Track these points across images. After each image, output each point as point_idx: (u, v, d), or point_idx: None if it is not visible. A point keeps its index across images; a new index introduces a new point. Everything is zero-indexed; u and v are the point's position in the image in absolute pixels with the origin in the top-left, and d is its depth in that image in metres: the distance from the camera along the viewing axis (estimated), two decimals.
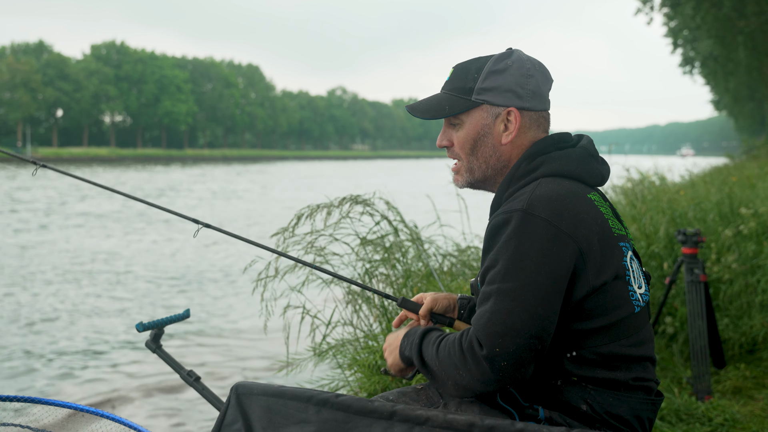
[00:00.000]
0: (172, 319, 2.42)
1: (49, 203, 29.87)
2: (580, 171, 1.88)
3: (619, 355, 1.78)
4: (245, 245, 2.45)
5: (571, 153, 1.91)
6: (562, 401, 1.79)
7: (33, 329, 9.83)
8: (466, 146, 1.97)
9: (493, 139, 1.94)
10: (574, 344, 1.77)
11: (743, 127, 64.83)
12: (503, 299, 1.67)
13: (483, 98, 1.92)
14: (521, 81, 1.92)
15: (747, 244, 5.77)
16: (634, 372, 1.81)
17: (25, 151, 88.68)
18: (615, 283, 1.79)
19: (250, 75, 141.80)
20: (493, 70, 1.92)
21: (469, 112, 1.94)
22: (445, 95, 1.99)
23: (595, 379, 1.78)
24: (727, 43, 27.09)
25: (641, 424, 1.82)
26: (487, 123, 1.93)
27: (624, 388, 1.79)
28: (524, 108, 1.92)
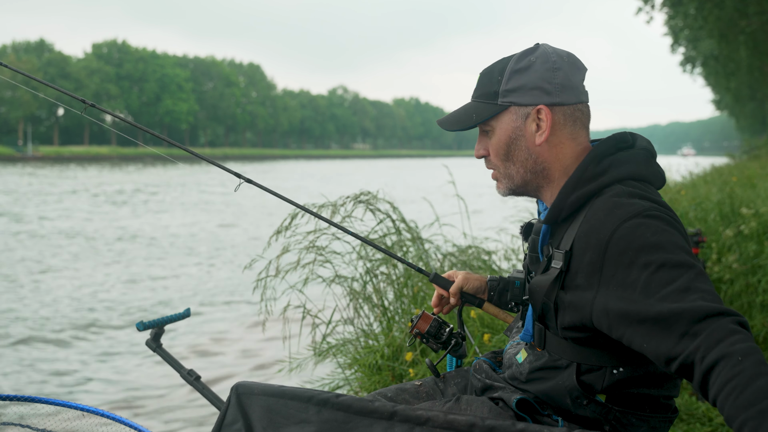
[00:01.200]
0: (173, 318, 2.42)
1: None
2: (646, 173, 1.78)
3: (653, 372, 1.72)
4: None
5: (637, 155, 1.80)
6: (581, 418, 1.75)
7: (31, 329, 9.84)
8: (500, 152, 1.87)
9: (527, 141, 1.83)
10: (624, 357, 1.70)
11: (744, 127, 64.86)
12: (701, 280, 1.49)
13: (509, 100, 1.83)
14: (547, 76, 1.80)
15: (748, 244, 5.77)
16: (667, 390, 1.75)
17: (26, 150, 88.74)
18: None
19: (251, 74, 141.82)
20: (516, 69, 1.83)
21: (498, 117, 1.85)
22: (472, 103, 1.90)
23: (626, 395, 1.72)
24: (728, 42, 27.09)
25: None
26: (517, 125, 1.83)
27: (650, 408, 1.74)
28: (555, 104, 1.80)
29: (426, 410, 1.65)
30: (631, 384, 1.71)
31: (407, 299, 4.53)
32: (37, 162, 77.55)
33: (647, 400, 1.74)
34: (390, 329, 4.32)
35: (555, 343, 1.78)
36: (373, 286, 4.64)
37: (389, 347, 4.10)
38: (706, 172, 17.34)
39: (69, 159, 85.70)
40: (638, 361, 1.69)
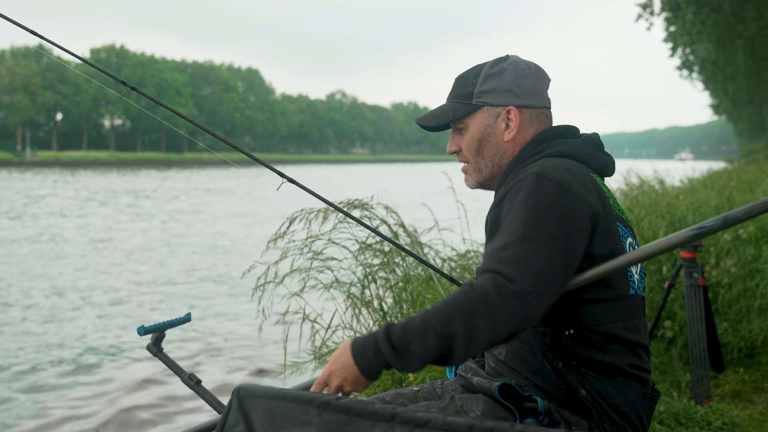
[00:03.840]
0: (174, 323, 2.42)
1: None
2: (583, 155, 1.95)
3: (616, 336, 1.81)
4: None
5: (575, 140, 2.00)
6: (562, 387, 1.81)
7: (32, 329, 9.83)
8: (472, 148, 2.06)
9: (496, 138, 2.03)
10: (573, 320, 1.81)
11: (742, 132, 64.88)
12: (529, 245, 1.68)
13: (483, 100, 2.03)
14: (517, 81, 2.02)
15: (746, 248, 5.78)
16: (630, 358, 1.84)
17: (24, 155, 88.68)
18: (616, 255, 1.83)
19: (249, 79, 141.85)
20: (490, 73, 2.03)
21: (472, 116, 2.05)
22: (448, 103, 2.10)
23: (592, 361, 1.80)
24: (726, 47, 27.14)
25: (639, 420, 1.84)
26: (489, 123, 2.03)
27: (620, 375, 1.81)
28: (523, 105, 2.02)
29: (426, 412, 1.67)
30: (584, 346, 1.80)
31: (406, 303, 4.53)
32: (35, 166, 77.43)
33: (613, 369, 1.81)
34: None
35: None
36: (371, 291, 4.65)
37: None
38: (705, 176, 17.36)
39: (67, 164, 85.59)
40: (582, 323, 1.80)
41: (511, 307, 1.62)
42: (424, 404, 1.93)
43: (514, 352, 1.89)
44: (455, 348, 1.63)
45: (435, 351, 1.64)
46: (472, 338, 1.62)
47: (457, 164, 2.15)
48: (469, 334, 1.62)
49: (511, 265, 1.65)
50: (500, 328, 1.62)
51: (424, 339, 1.64)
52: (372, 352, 1.70)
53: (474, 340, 1.62)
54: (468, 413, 1.82)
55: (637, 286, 1.90)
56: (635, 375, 1.84)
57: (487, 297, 1.62)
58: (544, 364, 1.82)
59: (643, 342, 1.88)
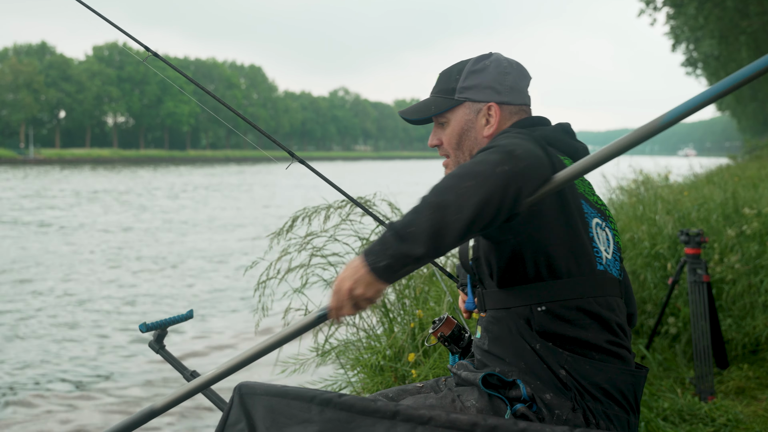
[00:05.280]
0: (176, 320, 2.42)
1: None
2: (553, 139, 1.99)
3: (588, 311, 1.83)
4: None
5: (547, 128, 2.04)
6: (542, 367, 1.81)
7: (34, 329, 9.84)
8: (452, 141, 2.11)
9: (476, 132, 2.08)
10: (543, 296, 1.83)
11: (746, 128, 64.76)
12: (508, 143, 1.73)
13: (465, 96, 2.08)
14: (499, 78, 2.08)
15: (750, 245, 5.76)
16: (606, 335, 1.85)
17: (27, 153, 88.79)
18: (577, 230, 1.85)
19: (252, 76, 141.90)
20: (473, 70, 2.09)
21: (454, 110, 2.10)
22: (431, 98, 2.16)
23: (567, 338, 1.82)
24: (729, 43, 27.06)
25: (623, 397, 1.84)
26: (470, 118, 2.09)
27: (596, 351, 1.83)
28: (503, 102, 2.07)
29: (428, 409, 1.66)
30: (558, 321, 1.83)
31: (409, 300, 4.52)
32: (38, 164, 77.53)
33: (588, 345, 1.83)
34: (392, 330, 4.31)
35: (490, 298, 1.95)
36: None
37: (391, 348, 4.09)
38: (708, 172, 17.33)
39: (70, 161, 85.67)
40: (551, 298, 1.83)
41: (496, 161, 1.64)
42: (422, 396, 1.94)
43: (496, 340, 1.90)
44: (449, 216, 1.61)
45: (431, 225, 1.61)
46: (463, 200, 1.61)
47: None
48: (461, 198, 1.61)
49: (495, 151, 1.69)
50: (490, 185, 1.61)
51: (420, 216, 1.63)
52: (378, 245, 1.67)
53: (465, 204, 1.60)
54: (464, 403, 1.84)
55: (606, 264, 1.91)
56: (613, 351, 1.85)
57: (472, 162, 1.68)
58: (524, 346, 1.84)
59: (619, 321, 1.89)
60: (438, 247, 1.62)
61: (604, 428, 1.78)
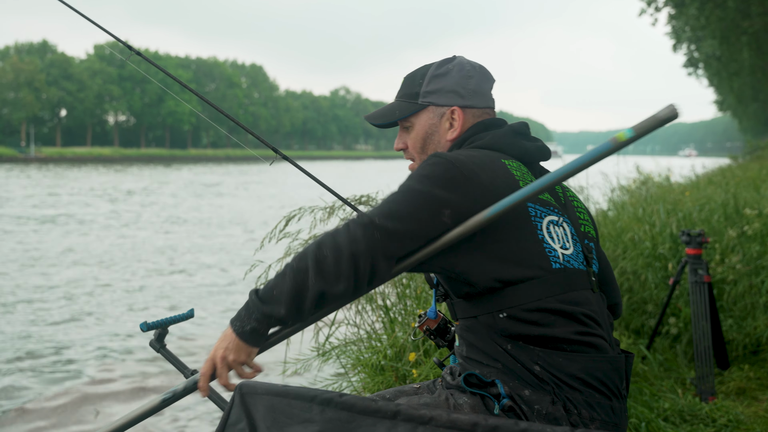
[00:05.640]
0: (176, 319, 2.42)
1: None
2: (499, 144, 2.02)
3: (551, 309, 1.84)
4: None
5: (496, 132, 2.06)
6: (517, 366, 1.84)
7: (37, 326, 9.84)
8: (417, 146, 2.15)
9: (440, 136, 2.12)
10: (501, 302, 1.86)
11: (747, 128, 64.76)
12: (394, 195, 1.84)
13: (428, 100, 2.12)
14: (462, 82, 2.11)
15: (751, 245, 5.76)
16: (574, 326, 1.86)
17: (28, 151, 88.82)
18: (521, 237, 1.87)
19: (253, 75, 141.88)
20: (436, 74, 2.13)
21: (418, 115, 2.14)
22: (396, 102, 2.19)
23: (535, 337, 1.84)
24: (731, 43, 27.04)
25: (602, 384, 1.84)
26: (433, 122, 2.12)
27: (567, 343, 1.84)
28: (467, 106, 2.11)
29: (429, 409, 1.66)
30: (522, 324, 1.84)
31: (410, 300, 4.52)
32: (39, 163, 77.55)
33: (558, 340, 1.84)
34: (393, 330, 4.31)
35: (458, 308, 1.98)
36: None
37: (392, 348, 4.09)
38: (709, 173, 17.32)
39: (71, 160, 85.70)
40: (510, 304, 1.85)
41: (354, 235, 1.74)
42: (417, 396, 1.97)
43: (471, 346, 1.93)
44: (308, 281, 1.74)
45: (291, 289, 1.75)
46: (321, 268, 1.74)
47: None
48: (318, 264, 1.74)
49: (371, 210, 1.81)
50: (345, 254, 1.73)
51: (283, 279, 1.78)
52: (243, 310, 1.83)
53: (324, 270, 1.74)
54: (457, 401, 1.86)
55: (565, 260, 1.92)
56: (584, 341, 1.86)
57: (336, 231, 1.78)
58: (497, 348, 1.86)
59: (587, 312, 1.90)
60: (299, 310, 1.77)
61: (587, 417, 1.80)
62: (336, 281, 1.74)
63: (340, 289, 1.75)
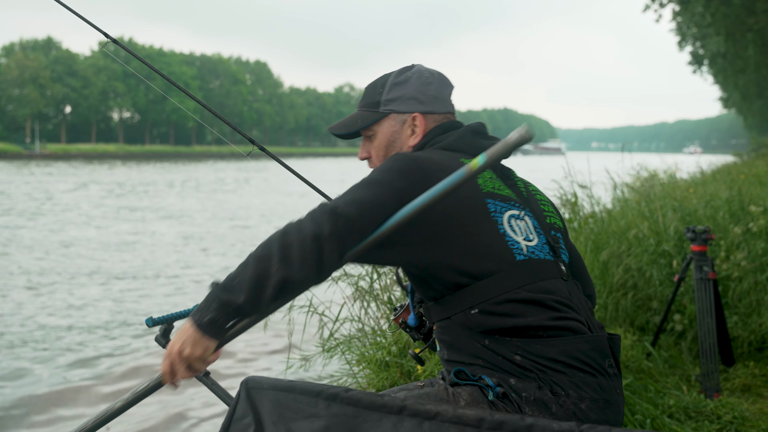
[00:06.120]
0: (182, 314, 2.42)
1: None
2: (457, 145, 2.07)
3: (520, 299, 1.86)
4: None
5: (454, 133, 2.11)
6: (498, 358, 1.86)
7: (41, 324, 9.86)
8: (380, 154, 2.20)
9: (402, 143, 2.17)
10: (470, 299, 1.88)
11: (752, 125, 64.55)
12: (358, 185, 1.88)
13: (389, 108, 2.17)
14: (422, 89, 2.16)
15: (756, 242, 5.76)
16: (548, 313, 1.87)
17: (33, 148, 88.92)
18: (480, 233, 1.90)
19: (257, 72, 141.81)
20: (396, 82, 2.18)
21: (380, 123, 2.19)
22: (358, 112, 2.25)
23: (509, 329, 1.85)
24: (736, 40, 26.96)
25: (585, 363, 1.85)
26: (395, 130, 2.17)
27: (542, 330, 1.85)
28: (427, 112, 2.15)
29: (435, 405, 1.66)
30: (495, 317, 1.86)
31: None
32: (44, 159, 77.66)
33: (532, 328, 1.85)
34: (397, 326, 4.31)
35: (431, 312, 2.00)
36: (379, 284, 4.64)
37: (397, 344, 4.10)
38: (714, 170, 17.29)
39: (76, 157, 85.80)
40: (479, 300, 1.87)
41: (319, 220, 1.77)
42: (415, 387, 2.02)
43: (451, 347, 1.96)
44: (271, 268, 1.75)
45: (253, 278, 1.75)
46: (286, 254, 1.75)
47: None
48: (283, 251, 1.75)
49: (335, 198, 1.86)
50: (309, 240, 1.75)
51: (245, 268, 1.78)
52: (204, 303, 1.81)
53: (288, 257, 1.75)
54: (456, 390, 1.88)
55: (530, 252, 1.94)
56: (559, 326, 1.87)
57: (300, 220, 1.80)
58: (475, 344, 1.88)
59: (558, 298, 1.91)
60: (259, 298, 1.76)
61: (576, 397, 1.81)
62: (300, 268, 1.75)
63: (302, 276, 1.76)
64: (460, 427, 1.61)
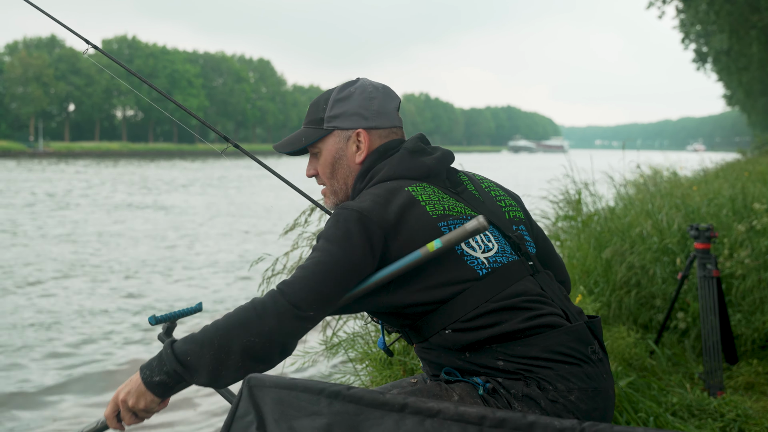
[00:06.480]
0: (185, 313, 2.42)
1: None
2: (399, 172, 2.05)
3: (489, 311, 1.87)
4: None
5: (393, 159, 2.09)
6: (482, 369, 1.87)
7: (45, 321, 9.88)
8: (326, 171, 2.18)
9: (348, 160, 2.14)
10: (441, 321, 1.90)
11: (756, 123, 64.44)
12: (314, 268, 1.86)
13: (333, 125, 2.14)
14: (365, 104, 2.13)
15: (760, 240, 5.75)
16: (521, 314, 1.88)
17: (37, 146, 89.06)
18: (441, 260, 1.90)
19: (261, 69, 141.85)
20: (338, 98, 2.15)
21: (324, 140, 2.16)
22: (303, 129, 2.21)
23: (485, 339, 1.86)
24: (740, 37, 26.92)
25: (568, 355, 1.86)
26: (340, 146, 2.14)
27: (520, 332, 1.86)
28: (371, 127, 2.13)
29: (437, 402, 1.66)
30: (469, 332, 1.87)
31: None
32: (48, 157, 77.75)
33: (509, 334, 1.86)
34: None
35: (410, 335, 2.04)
36: None
37: (400, 341, 4.10)
38: (718, 167, 17.27)
39: (79, 155, 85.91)
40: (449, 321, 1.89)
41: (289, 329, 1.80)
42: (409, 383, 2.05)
43: (433, 364, 1.99)
44: (230, 362, 1.78)
45: (210, 363, 1.77)
46: (250, 354, 1.78)
47: (466, 156, 2.16)
48: (247, 351, 1.78)
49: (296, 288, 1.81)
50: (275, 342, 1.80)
51: (201, 350, 1.79)
52: (156, 361, 1.82)
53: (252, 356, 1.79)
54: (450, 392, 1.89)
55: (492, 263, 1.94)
56: (537, 324, 1.87)
57: (266, 316, 1.78)
58: (456, 361, 1.91)
59: (529, 297, 1.92)
60: (216, 382, 1.81)
61: (564, 389, 1.82)
62: (264, 364, 1.81)
63: (265, 369, 1.82)
64: (462, 425, 1.60)
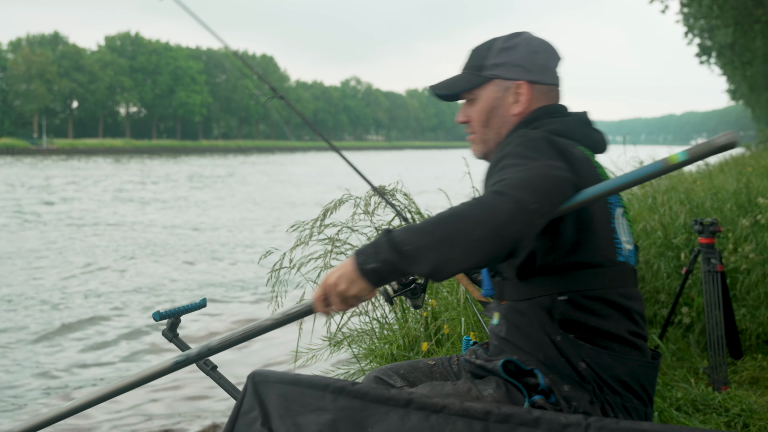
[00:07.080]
0: (189, 308, 2.43)
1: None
2: (571, 132, 1.96)
3: (610, 301, 1.82)
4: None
5: (565, 119, 2.01)
6: (562, 361, 1.79)
7: (48, 319, 9.89)
8: (480, 119, 2.07)
9: (504, 110, 2.04)
10: (566, 285, 1.82)
11: (760, 117, 64.29)
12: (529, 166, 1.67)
13: (494, 73, 2.05)
14: (529, 57, 2.04)
15: (764, 234, 5.74)
16: (627, 324, 1.84)
17: (40, 143, 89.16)
18: (600, 221, 1.85)
19: (264, 66, 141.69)
20: (503, 47, 2.05)
21: (483, 87, 2.06)
22: (461, 74, 2.11)
23: (589, 329, 1.81)
24: (744, 32, 26.83)
25: (642, 389, 1.83)
26: (498, 96, 2.05)
27: (618, 342, 1.82)
28: (533, 81, 2.03)
29: (442, 398, 1.66)
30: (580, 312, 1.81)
31: (424, 292, 4.51)
32: (51, 154, 77.82)
33: (609, 336, 1.81)
34: (405, 320, 4.31)
35: (509, 289, 1.91)
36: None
37: (405, 338, 4.10)
38: (722, 161, 17.23)
39: (83, 151, 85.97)
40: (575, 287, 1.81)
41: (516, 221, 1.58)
42: (438, 384, 1.94)
43: (514, 328, 1.87)
44: (451, 255, 1.58)
45: (432, 254, 1.58)
46: (472, 248, 1.58)
47: (470, 151, 2.15)
48: (470, 244, 1.58)
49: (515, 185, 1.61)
50: (501, 240, 1.58)
51: (422, 240, 1.60)
52: (371, 248, 1.64)
53: (473, 250, 1.58)
54: (482, 392, 1.83)
55: (627, 255, 1.90)
56: (633, 342, 1.84)
57: (495, 211, 1.58)
58: (544, 338, 1.81)
59: (639, 309, 1.89)
60: (435, 275, 1.61)
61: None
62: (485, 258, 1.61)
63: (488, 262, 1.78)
64: (467, 420, 1.60)
